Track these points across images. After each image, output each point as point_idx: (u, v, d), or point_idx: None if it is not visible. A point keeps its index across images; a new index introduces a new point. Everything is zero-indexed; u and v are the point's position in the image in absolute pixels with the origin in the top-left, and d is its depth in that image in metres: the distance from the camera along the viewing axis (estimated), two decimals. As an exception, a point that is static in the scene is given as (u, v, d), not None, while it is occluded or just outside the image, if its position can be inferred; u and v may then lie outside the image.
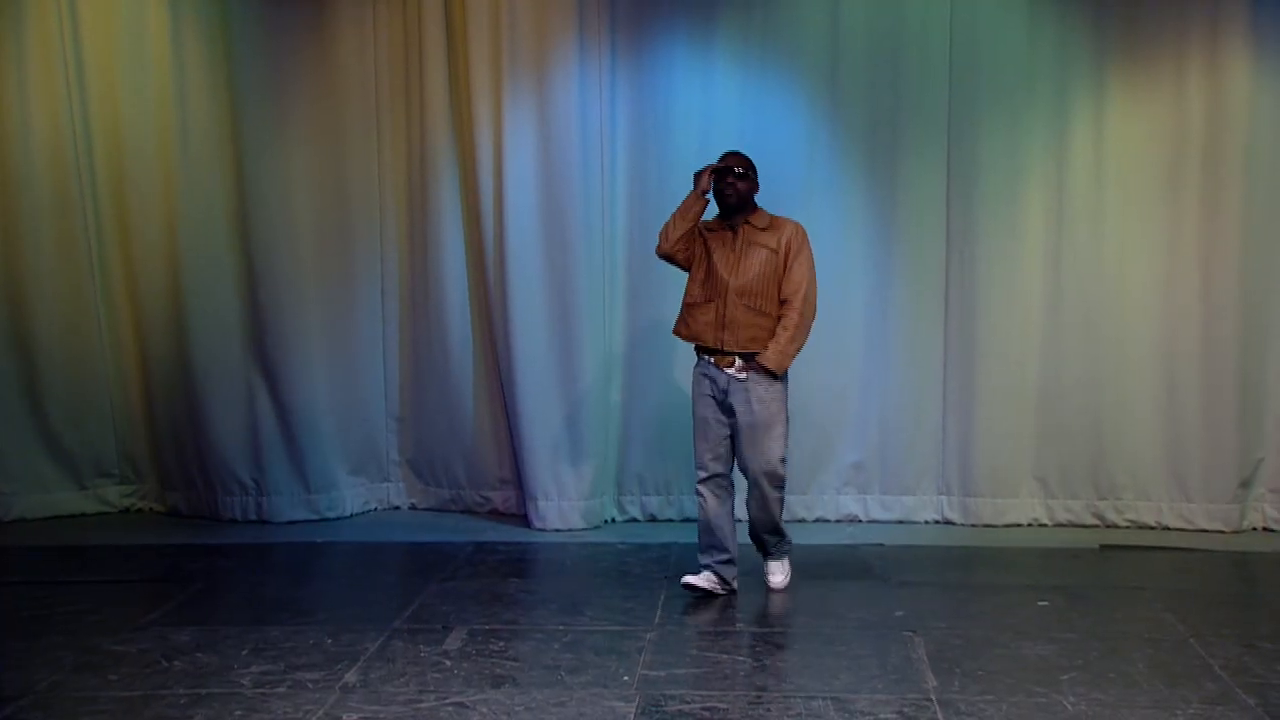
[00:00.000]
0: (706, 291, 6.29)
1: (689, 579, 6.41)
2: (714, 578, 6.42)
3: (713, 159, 6.43)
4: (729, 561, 6.44)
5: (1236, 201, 7.78)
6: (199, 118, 8.05)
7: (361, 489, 8.48)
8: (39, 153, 8.14)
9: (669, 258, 6.44)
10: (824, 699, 5.01)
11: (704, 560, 6.44)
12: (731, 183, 6.27)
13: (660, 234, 6.41)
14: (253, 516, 8.20)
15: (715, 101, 7.94)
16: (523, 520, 8.07)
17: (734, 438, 6.33)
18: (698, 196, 6.28)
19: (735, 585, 6.43)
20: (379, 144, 8.28)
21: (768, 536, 6.53)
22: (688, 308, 6.40)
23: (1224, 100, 7.77)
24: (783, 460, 6.32)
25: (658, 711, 4.81)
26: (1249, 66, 7.71)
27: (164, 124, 8.05)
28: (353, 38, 8.16)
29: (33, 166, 8.13)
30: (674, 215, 6.35)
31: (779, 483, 6.34)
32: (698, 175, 6.33)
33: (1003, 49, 7.84)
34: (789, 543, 6.64)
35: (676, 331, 6.49)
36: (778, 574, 6.60)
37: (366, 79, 8.21)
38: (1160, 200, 7.87)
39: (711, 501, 6.40)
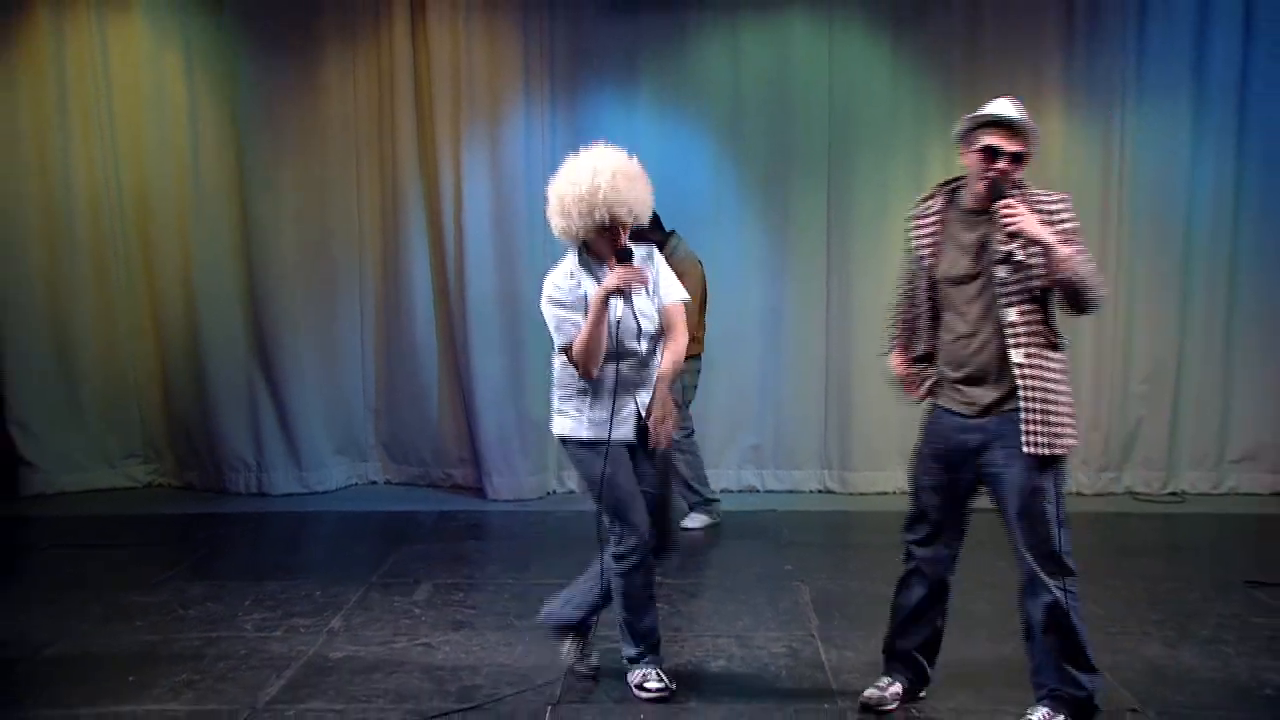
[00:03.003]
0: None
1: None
2: None
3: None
4: None
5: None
6: (209, 162, 8.05)
7: (344, 467, 8.45)
8: (79, 192, 8.16)
9: None
10: (728, 637, 5.12)
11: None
12: None
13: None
14: (253, 490, 8.18)
15: (638, 142, 7.67)
16: (479, 492, 8.07)
17: None
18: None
19: None
20: (358, 180, 8.25)
21: None
22: None
23: (1044, 143, 7.74)
24: None
25: (591, 650, 4.83)
26: (1063, 116, 7.86)
27: (180, 168, 8.08)
28: (336, 91, 8.14)
29: (74, 203, 8.14)
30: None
31: None
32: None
33: (872, 99, 7.93)
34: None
35: None
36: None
37: (348, 126, 8.18)
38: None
39: None
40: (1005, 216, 3.87)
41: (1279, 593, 5.78)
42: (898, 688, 4.34)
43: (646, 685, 4.48)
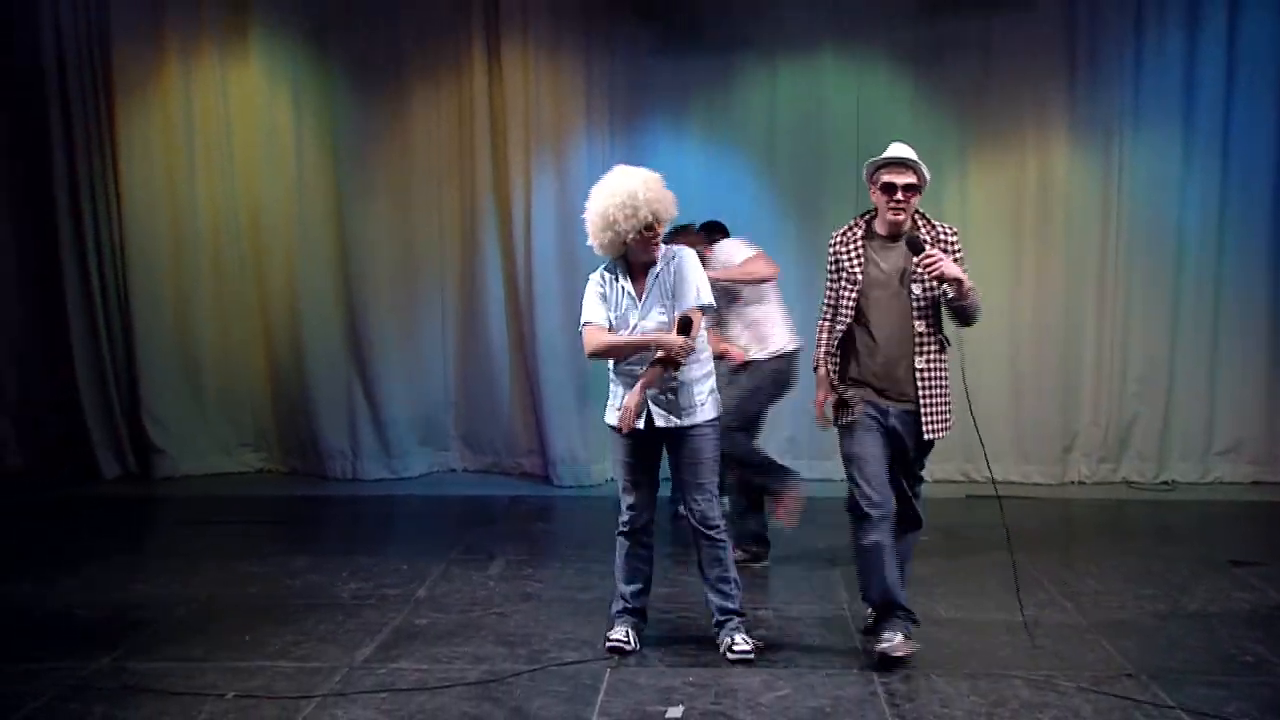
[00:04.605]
0: None
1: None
2: None
3: (686, 213, 6.51)
4: None
5: (1060, 242, 7.90)
6: (312, 189, 8.17)
7: (427, 456, 8.48)
8: (203, 216, 8.32)
9: None
10: (766, 609, 5.12)
11: None
12: None
13: None
14: (349, 476, 8.25)
15: (688, 168, 7.85)
16: (546, 480, 8.10)
17: None
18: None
19: None
20: (440, 205, 8.29)
21: None
22: None
23: (1050, 168, 7.89)
24: None
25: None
26: (1067, 144, 7.87)
27: (287, 194, 8.21)
28: (421, 126, 8.21)
29: (199, 226, 8.30)
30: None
31: None
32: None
33: (894, 129, 7.72)
34: None
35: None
36: None
37: (431, 156, 8.24)
38: (1007, 240, 7.98)
39: None
40: (929, 263, 4.25)
41: (1259, 571, 5.71)
42: (900, 636, 4.41)
43: (610, 636, 4.60)
